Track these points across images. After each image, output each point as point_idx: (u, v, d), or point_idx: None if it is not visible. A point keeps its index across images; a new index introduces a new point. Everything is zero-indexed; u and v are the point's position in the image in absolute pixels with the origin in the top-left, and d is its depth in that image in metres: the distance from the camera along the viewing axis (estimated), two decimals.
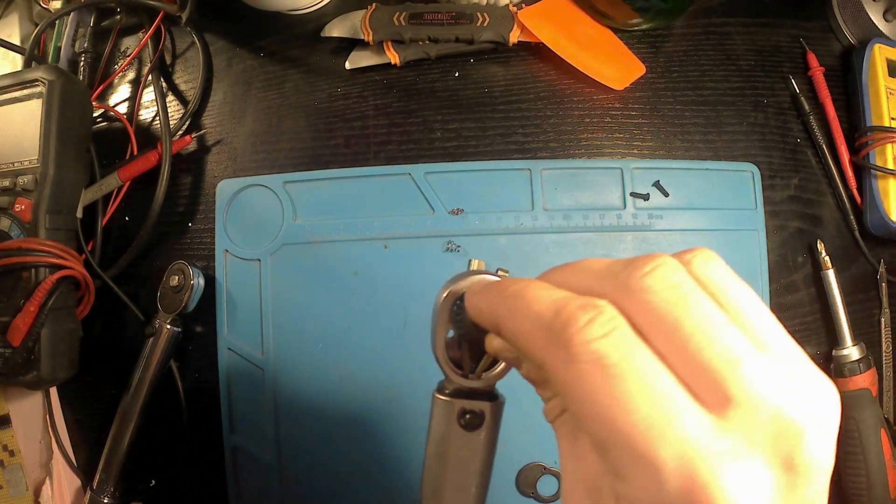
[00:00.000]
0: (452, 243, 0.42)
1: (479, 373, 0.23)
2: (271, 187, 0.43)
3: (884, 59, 0.44)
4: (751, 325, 0.15)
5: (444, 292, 0.23)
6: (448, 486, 0.23)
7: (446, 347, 0.23)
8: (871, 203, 0.43)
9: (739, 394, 0.14)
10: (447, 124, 0.44)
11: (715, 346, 0.15)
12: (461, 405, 0.23)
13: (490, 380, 0.23)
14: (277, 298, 0.42)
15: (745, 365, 0.14)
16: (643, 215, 0.42)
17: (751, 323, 0.15)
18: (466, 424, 0.23)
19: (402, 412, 0.41)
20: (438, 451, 0.24)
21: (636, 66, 0.44)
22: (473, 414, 0.23)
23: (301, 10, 0.46)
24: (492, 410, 0.23)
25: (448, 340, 0.23)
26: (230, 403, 0.42)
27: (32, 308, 0.36)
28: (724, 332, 0.15)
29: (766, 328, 0.16)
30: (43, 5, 0.47)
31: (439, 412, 0.23)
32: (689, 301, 0.15)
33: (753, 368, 0.14)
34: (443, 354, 0.23)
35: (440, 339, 0.23)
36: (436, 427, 0.24)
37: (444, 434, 0.23)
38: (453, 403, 0.23)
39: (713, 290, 0.16)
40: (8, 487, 0.42)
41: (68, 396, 0.44)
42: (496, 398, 0.24)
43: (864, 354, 0.42)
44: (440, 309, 0.23)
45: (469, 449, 0.23)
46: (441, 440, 0.23)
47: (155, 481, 0.43)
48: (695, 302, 0.15)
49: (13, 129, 0.39)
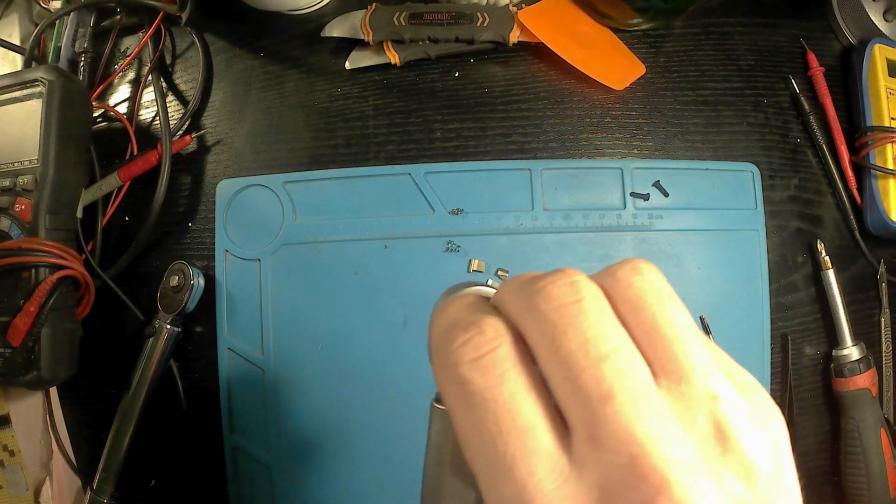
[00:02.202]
0: (452, 243, 0.42)
1: None
2: (271, 187, 0.43)
3: (884, 59, 0.44)
4: (662, 347, 0.14)
5: (441, 302, 0.23)
6: (447, 494, 0.23)
7: None
8: (871, 203, 0.43)
9: (602, 433, 0.13)
10: (447, 124, 0.44)
11: (586, 375, 0.13)
12: None
13: None
14: (277, 298, 0.42)
15: (615, 402, 0.13)
16: (643, 215, 0.42)
17: (662, 345, 0.14)
18: None
19: (402, 412, 0.41)
20: (438, 459, 0.23)
21: (636, 66, 0.44)
22: None
23: (301, 10, 0.46)
24: None
25: None
26: (230, 403, 0.42)
27: (32, 308, 0.36)
28: (606, 360, 0.13)
29: (678, 350, 0.14)
30: (43, 5, 0.47)
31: (437, 421, 0.23)
32: (573, 322, 0.14)
33: (623, 406, 0.13)
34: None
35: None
36: (434, 436, 0.23)
37: (443, 443, 0.23)
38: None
39: (629, 308, 0.15)
40: (8, 487, 0.42)
41: (68, 396, 0.44)
42: None
43: (864, 354, 0.42)
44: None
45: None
46: (440, 449, 0.23)
47: (155, 481, 0.43)
48: (579, 323, 0.14)
49: (13, 129, 0.39)
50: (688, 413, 0.13)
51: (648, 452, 0.12)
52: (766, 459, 0.13)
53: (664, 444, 0.13)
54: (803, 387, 0.44)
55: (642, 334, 0.14)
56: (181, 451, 0.42)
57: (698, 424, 0.13)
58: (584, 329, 0.14)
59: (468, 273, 0.42)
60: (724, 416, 0.13)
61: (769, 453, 0.14)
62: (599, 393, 0.13)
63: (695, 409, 0.14)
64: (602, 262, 0.42)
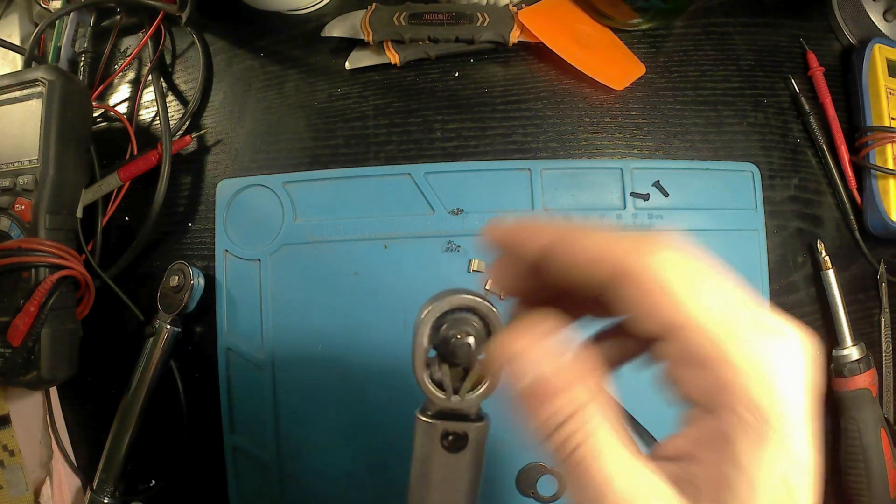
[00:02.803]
0: (452, 243, 0.42)
1: (463, 393, 0.22)
2: (271, 187, 0.43)
3: (884, 59, 0.44)
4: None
5: (425, 310, 0.22)
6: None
7: (427, 367, 0.22)
8: (871, 203, 0.43)
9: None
10: (447, 124, 0.44)
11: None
12: (444, 427, 0.22)
13: (474, 401, 0.22)
14: (277, 298, 0.42)
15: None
16: (643, 215, 0.42)
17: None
18: (450, 446, 0.22)
19: (401, 412, 0.41)
20: (422, 472, 0.23)
21: (636, 66, 0.44)
22: (457, 436, 0.22)
23: (301, 10, 0.46)
24: (476, 432, 0.22)
25: (429, 360, 0.22)
26: (230, 403, 0.42)
27: (32, 308, 0.36)
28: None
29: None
30: (43, 5, 0.47)
31: (422, 433, 0.23)
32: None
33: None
34: (423, 375, 0.22)
35: (420, 359, 0.22)
36: (419, 448, 0.23)
37: (428, 455, 0.22)
38: (435, 425, 0.22)
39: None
40: (8, 487, 0.42)
41: (68, 396, 0.44)
42: (481, 419, 0.23)
43: (864, 354, 0.42)
44: (421, 327, 0.22)
45: (453, 471, 0.22)
46: (424, 461, 0.23)
47: (155, 481, 0.43)
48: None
49: (13, 129, 0.39)
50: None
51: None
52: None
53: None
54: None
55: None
56: (181, 451, 0.42)
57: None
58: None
59: (468, 273, 0.42)
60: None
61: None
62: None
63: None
64: None
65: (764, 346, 0.15)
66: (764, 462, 0.14)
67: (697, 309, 0.15)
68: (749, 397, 0.15)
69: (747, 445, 0.14)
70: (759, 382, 0.15)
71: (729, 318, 0.15)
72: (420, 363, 0.22)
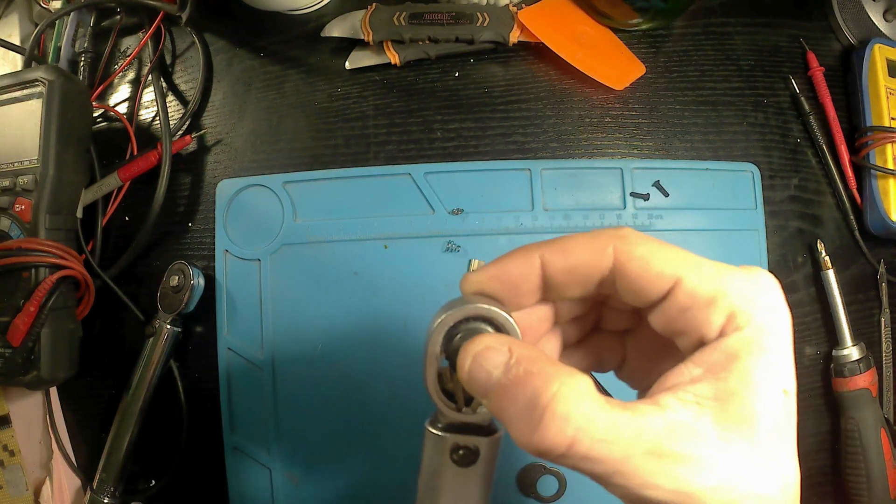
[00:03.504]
0: (452, 243, 0.42)
1: (475, 406, 0.21)
2: (271, 187, 0.43)
3: (884, 59, 0.44)
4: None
5: (438, 319, 0.21)
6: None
7: (438, 378, 0.21)
8: (871, 203, 0.43)
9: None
10: (447, 124, 0.44)
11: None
12: (454, 440, 0.21)
13: (486, 413, 0.21)
14: (277, 299, 0.42)
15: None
16: (643, 215, 0.42)
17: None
18: (459, 460, 0.21)
19: (401, 412, 0.41)
20: (431, 484, 0.22)
21: (636, 66, 0.44)
22: (467, 450, 0.21)
23: (301, 10, 0.46)
24: (488, 446, 0.21)
25: (441, 370, 0.21)
26: (230, 403, 0.42)
27: (32, 308, 0.36)
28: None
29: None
30: (43, 5, 0.47)
31: (431, 446, 0.22)
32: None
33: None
34: (434, 386, 0.21)
35: (431, 370, 0.21)
36: (427, 461, 0.22)
37: (437, 468, 0.22)
38: (445, 438, 0.21)
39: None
40: (8, 487, 0.42)
41: (68, 396, 0.44)
42: (493, 432, 0.22)
43: (864, 354, 0.42)
44: (433, 337, 0.21)
45: (463, 485, 0.21)
46: (433, 474, 0.22)
47: (155, 481, 0.43)
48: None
49: (13, 129, 0.39)
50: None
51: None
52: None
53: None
54: (803, 387, 0.44)
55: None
56: (181, 451, 0.42)
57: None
58: None
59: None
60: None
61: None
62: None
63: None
64: None
65: (751, 283, 0.18)
66: (768, 374, 0.17)
67: (690, 264, 0.18)
68: (754, 320, 0.17)
69: (753, 361, 0.17)
70: (762, 308, 0.18)
71: (718, 267, 0.18)
72: (431, 373, 0.21)
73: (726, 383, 0.17)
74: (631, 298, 0.20)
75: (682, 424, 0.17)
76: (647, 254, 0.19)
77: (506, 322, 0.21)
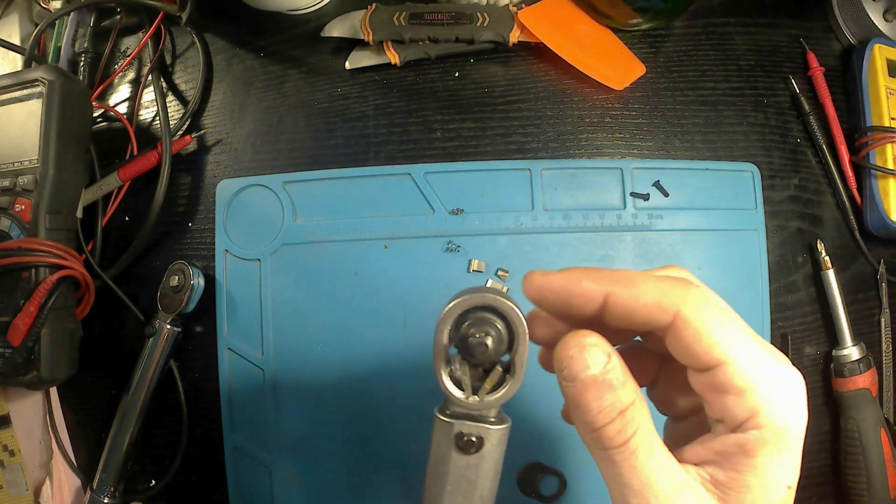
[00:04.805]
0: (452, 243, 0.42)
1: (482, 395, 0.21)
2: (271, 187, 0.43)
3: (884, 59, 0.44)
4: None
5: (449, 306, 0.21)
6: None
7: (448, 364, 0.21)
8: (871, 203, 0.43)
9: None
10: (447, 124, 0.44)
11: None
12: (460, 427, 0.21)
13: (492, 402, 0.21)
14: (277, 298, 0.42)
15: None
16: (643, 215, 0.42)
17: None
18: (464, 448, 0.22)
19: (402, 412, 0.41)
20: (437, 470, 0.22)
21: (636, 66, 0.44)
22: (472, 438, 0.21)
23: (301, 10, 0.46)
24: (493, 435, 0.21)
25: (451, 357, 0.22)
26: (230, 403, 0.42)
27: (32, 308, 0.36)
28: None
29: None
30: (43, 5, 0.47)
31: (438, 432, 0.22)
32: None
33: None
34: (442, 372, 0.21)
35: (440, 356, 0.21)
36: (435, 447, 0.22)
37: (444, 454, 0.22)
38: (452, 425, 0.22)
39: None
40: (8, 487, 0.42)
41: (68, 396, 0.44)
42: (501, 422, 0.22)
43: (864, 354, 0.42)
44: (442, 323, 0.21)
45: (469, 471, 0.22)
46: (440, 460, 0.22)
47: (155, 481, 0.43)
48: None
49: (13, 129, 0.39)
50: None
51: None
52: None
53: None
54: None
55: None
56: (181, 451, 0.42)
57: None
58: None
59: (468, 273, 0.42)
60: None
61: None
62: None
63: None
64: (602, 263, 0.42)
65: (780, 382, 0.19)
66: (777, 472, 0.19)
67: (735, 351, 0.19)
68: (774, 422, 0.19)
69: (766, 459, 0.19)
70: (785, 411, 0.19)
71: (756, 359, 0.19)
72: (440, 359, 0.22)
73: (742, 476, 0.19)
74: (674, 354, 0.21)
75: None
76: (702, 328, 0.19)
77: (513, 314, 0.21)
